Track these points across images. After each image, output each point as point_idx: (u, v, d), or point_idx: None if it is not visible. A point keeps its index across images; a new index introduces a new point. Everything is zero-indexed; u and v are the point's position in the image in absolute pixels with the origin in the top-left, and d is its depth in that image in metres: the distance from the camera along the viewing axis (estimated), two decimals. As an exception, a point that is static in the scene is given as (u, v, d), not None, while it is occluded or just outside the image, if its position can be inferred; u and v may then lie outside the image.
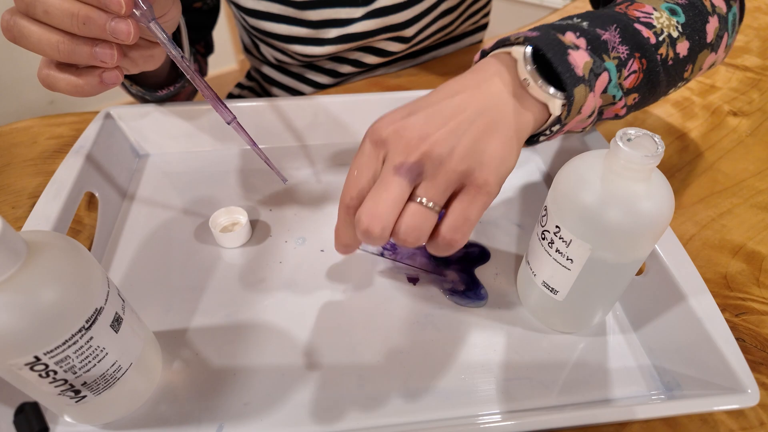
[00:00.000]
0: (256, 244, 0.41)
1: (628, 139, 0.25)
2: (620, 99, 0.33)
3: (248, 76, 0.75)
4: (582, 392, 0.32)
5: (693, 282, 0.32)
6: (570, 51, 0.30)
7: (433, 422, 0.30)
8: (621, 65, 0.32)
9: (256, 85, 0.73)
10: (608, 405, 0.31)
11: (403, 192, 0.27)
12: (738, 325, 0.36)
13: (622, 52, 0.32)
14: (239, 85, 0.75)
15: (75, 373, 0.25)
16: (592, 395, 0.32)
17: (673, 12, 0.35)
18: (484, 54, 0.33)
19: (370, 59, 0.62)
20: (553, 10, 0.79)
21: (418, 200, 0.27)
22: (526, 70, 0.29)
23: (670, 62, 0.34)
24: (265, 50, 0.63)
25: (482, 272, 0.39)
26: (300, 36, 0.57)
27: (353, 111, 0.49)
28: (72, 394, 0.26)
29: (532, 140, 0.33)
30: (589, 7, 0.78)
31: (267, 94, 0.72)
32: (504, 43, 0.31)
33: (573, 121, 0.31)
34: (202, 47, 0.61)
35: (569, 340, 0.34)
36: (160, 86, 0.47)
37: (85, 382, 0.26)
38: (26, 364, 0.24)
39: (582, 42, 0.31)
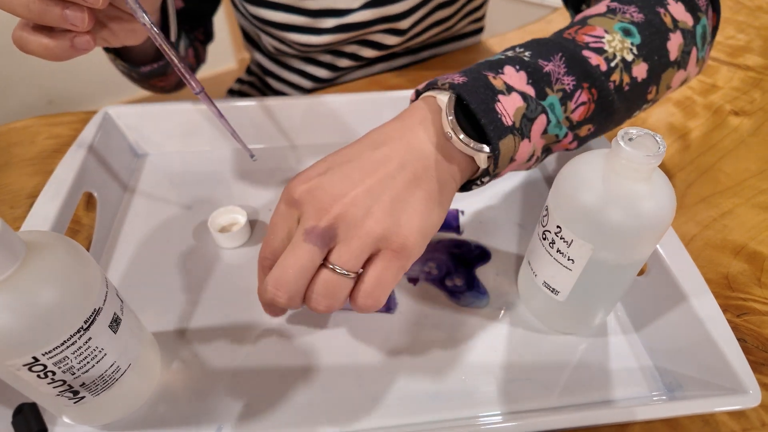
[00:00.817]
0: (256, 244, 0.40)
1: (630, 139, 0.25)
2: (565, 135, 0.31)
3: (248, 71, 0.75)
4: (583, 393, 0.31)
5: (694, 282, 0.32)
6: (500, 97, 0.28)
7: (434, 423, 0.30)
8: (566, 98, 0.30)
9: (256, 80, 0.73)
10: (609, 406, 0.31)
11: (314, 258, 0.26)
12: (739, 325, 0.36)
13: (568, 84, 0.30)
14: (239, 80, 0.75)
15: (73, 373, 0.25)
16: (593, 396, 0.31)
17: (627, 33, 0.32)
18: (418, 94, 0.32)
19: (368, 53, 0.61)
20: (553, 9, 0.78)
21: (330, 267, 0.26)
22: (448, 122, 0.28)
23: (626, 87, 0.32)
24: (265, 40, 0.63)
25: (482, 272, 0.38)
26: (297, 24, 0.56)
27: (354, 110, 0.49)
28: (70, 394, 0.26)
29: (465, 187, 0.31)
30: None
31: (266, 88, 0.71)
32: (433, 85, 0.30)
33: (507, 169, 0.30)
34: (201, 34, 0.61)
35: (570, 341, 0.34)
36: (145, 63, 0.47)
37: (83, 383, 0.26)
38: (24, 365, 0.24)
39: (522, 76, 0.29)
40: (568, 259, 0.28)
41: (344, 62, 0.63)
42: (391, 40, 0.61)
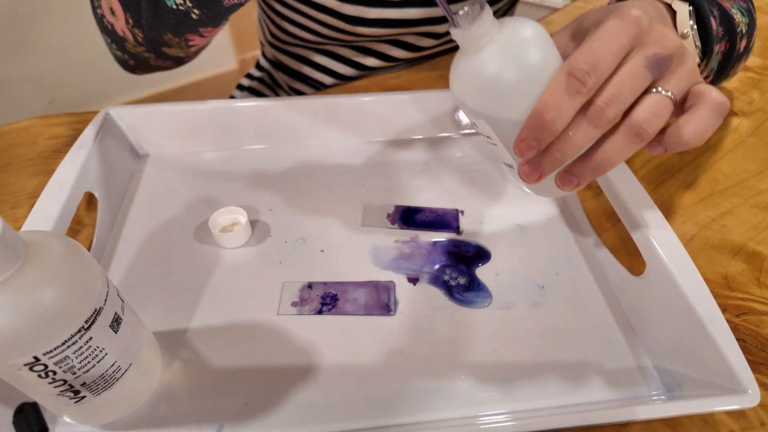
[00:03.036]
0: (256, 244, 0.41)
1: (468, 15, 0.27)
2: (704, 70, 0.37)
3: (258, 66, 0.74)
4: (582, 393, 0.32)
5: (693, 282, 0.32)
6: (712, 11, 0.34)
7: (433, 422, 0.30)
8: (718, 43, 0.36)
9: (266, 76, 0.72)
10: (609, 406, 0.31)
11: (646, 83, 0.27)
12: (738, 325, 0.36)
13: (719, 32, 0.35)
14: (249, 76, 0.74)
15: (74, 373, 0.25)
16: (592, 396, 0.31)
17: (741, 13, 0.38)
18: None
19: (398, 53, 0.61)
20: (553, 10, 0.78)
21: (663, 92, 0.27)
22: (689, 25, 0.33)
23: (735, 55, 0.37)
24: (289, 27, 0.60)
25: (482, 272, 0.38)
26: (336, 10, 0.55)
27: (354, 111, 0.49)
28: (71, 394, 0.26)
29: None
30: (590, 7, 0.78)
31: (277, 85, 0.71)
32: None
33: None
34: None
35: (569, 341, 0.34)
36: None
37: (84, 383, 0.26)
38: (25, 365, 0.24)
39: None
40: (487, 138, 0.31)
41: (371, 61, 0.62)
42: (426, 42, 0.60)
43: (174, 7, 0.40)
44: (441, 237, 0.41)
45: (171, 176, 0.47)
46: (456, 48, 0.30)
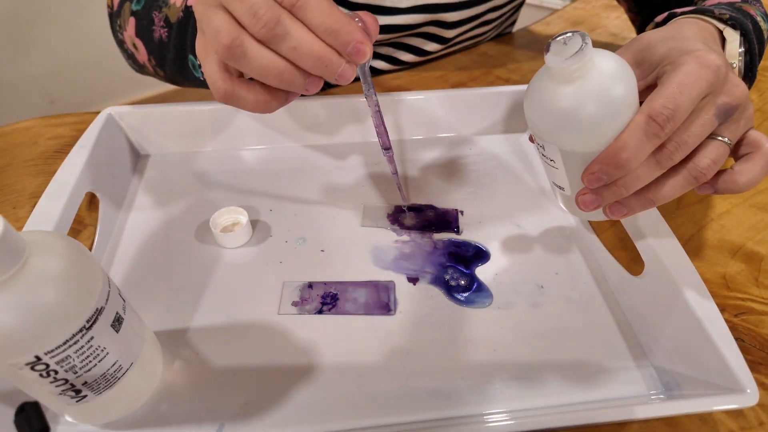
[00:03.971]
0: (257, 244, 0.41)
1: (564, 43, 0.27)
2: None
3: None
4: (581, 392, 0.32)
5: (692, 282, 0.32)
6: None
7: (433, 422, 0.30)
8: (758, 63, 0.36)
9: None
10: (608, 405, 0.31)
11: (711, 130, 0.28)
12: (737, 325, 0.36)
13: (759, 53, 0.36)
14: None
15: (76, 372, 0.25)
16: (591, 395, 0.32)
17: (764, 20, 0.38)
18: (674, 15, 0.37)
19: (404, 56, 0.61)
20: (553, 11, 0.79)
21: (723, 139, 0.29)
22: (737, 53, 0.34)
23: (759, 62, 0.37)
24: None
25: (482, 272, 0.39)
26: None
27: (354, 112, 0.49)
28: (73, 393, 0.26)
29: None
30: (589, 8, 0.78)
31: None
32: (704, 12, 0.35)
33: None
34: None
35: (568, 341, 0.34)
36: None
37: (85, 382, 0.26)
38: (27, 364, 0.24)
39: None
40: (551, 161, 0.31)
41: (379, 64, 0.62)
42: (432, 46, 0.60)
43: (202, 79, 0.42)
44: (441, 237, 0.41)
45: (172, 176, 0.47)
46: (457, 51, 0.30)
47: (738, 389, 0.28)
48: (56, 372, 0.25)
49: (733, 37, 0.35)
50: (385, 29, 0.56)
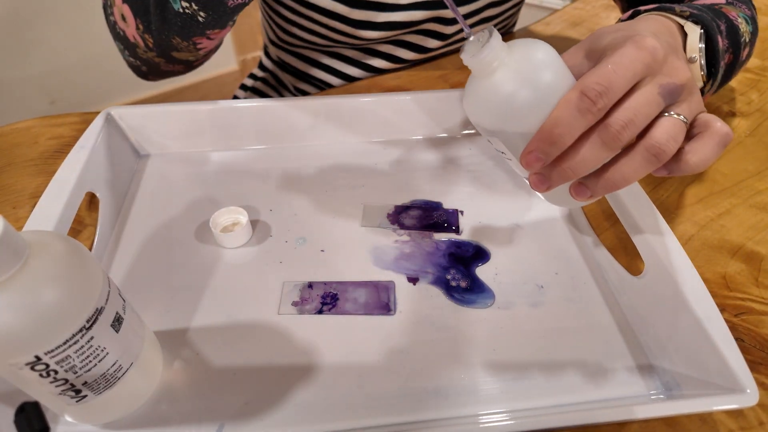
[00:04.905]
0: (257, 244, 0.41)
1: (477, 40, 0.28)
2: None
3: (261, 66, 0.74)
4: (581, 392, 0.32)
5: (692, 282, 0.32)
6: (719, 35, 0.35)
7: (433, 422, 0.30)
8: (722, 59, 0.36)
9: (269, 77, 0.73)
10: (608, 405, 0.31)
11: (658, 110, 0.28)
12: (737, 325, 0.36)
13: (724, 45, 0.36)
14: (252, 76, 0.74)
15: (76, 372, 0.25)
16: (591, 395, 0.32)
17: (746, 22, 0.38)
18: (638, 13, 0.37)
19: (405, 53, 0.61)
20: (553, 11, 0.79)
21: (676, 115, 0.28)
22: (698, 48, 0.34)
23: (738, 65, 0.38)
24: (297, 32, 0.61)
25: (482, 272, 0.39)
26: (346, 16, 0.55)
27: (354, 112, 0.49)
28: (73, 393, 0.26)
29: None
30: (589, 8, 0.78)
31: (281, 86, 0.71)
32: (666, 9, 0.36)
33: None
34: None
35: (568, 341, 0.34)
36: None
37: (85, 382, 0.26)
38: (27, 364, 0.24)
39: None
40: (502, 153, 0.32)
41: (379, 62, 0.62)
42: (432, 43, 0.60)
43: (180, 10, 0.40)
44: (441, 237, 0.41)
45: (172, 176, 0.47)
46: (458, 50, 0.30)
47: (738, 389, 0.28)
48: (56, 372, 0.25)
49: (693, 32, 0.35)
50: (385, 26, 0.56)
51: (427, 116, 0.50)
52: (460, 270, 0.39)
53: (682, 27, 0.35)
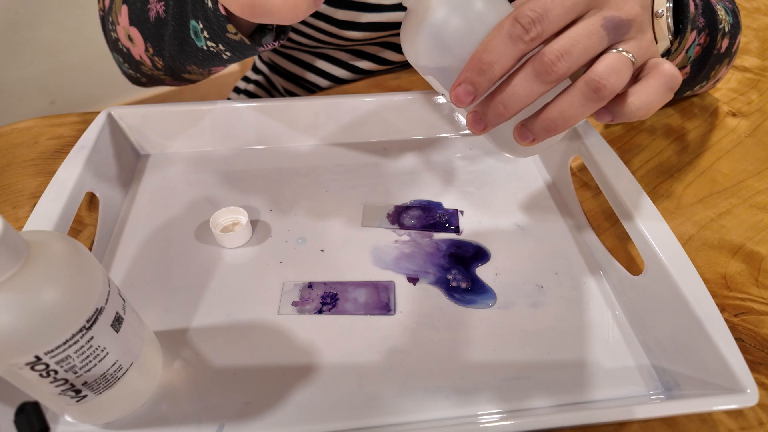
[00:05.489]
0: (257, 244, 0.41)
1: None
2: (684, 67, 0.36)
3: (254, 68, 0.74)
4: (581, 392, 0.32)
5: (692, 282, 0.32)
6: None
7: (433, 422, 0.30)
8: (697, 33, 0.34)
9: (262, 78, 0.73)
10: (607, 405, 0.31)
11: (602, 45, 0.26)
12: (737, 325, 0.36)
13: (700, 22, 0.34)
14: (245, 79, 0.75)
15: (76, 372, 0.25)
16: (590, 395, 0.32)
17: (726, 12, 0.37)
18: None
19: (391, 55, 0.61)
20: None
21: (623, 52, 0.26)
22: (664, 3, 0.31)
23: (715, 52, 0.36)
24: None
25: (482, 272, 0.39)
26: (330, 16, 0.55)
27: (354, 112, 0.49)
28: (73, 393, 0.26)
29: None
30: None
31: (273, 88, 0.71)
32: None
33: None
34: None
35: (568, 341, 0.34)
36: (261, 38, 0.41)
37: (85, 382, 0.26)
38: (27, 364, 0.24)
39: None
40: (442, 94, 0.31)
41: (365, 64, 0.62)
42: None
43: (204, 48, 0.40)
44: (441, 237, 0.41)
45: (172, 176, 0.47)
46: None
47: (738, 389, 0.28)
48: (56, 372, 0.25)
49: None
50: (369, 27, 0.56)
51: (427, 116, 0.50)
52: (461, 270, 0.39)
53: None
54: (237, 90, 0.75)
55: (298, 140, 0.50)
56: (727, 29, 0.38)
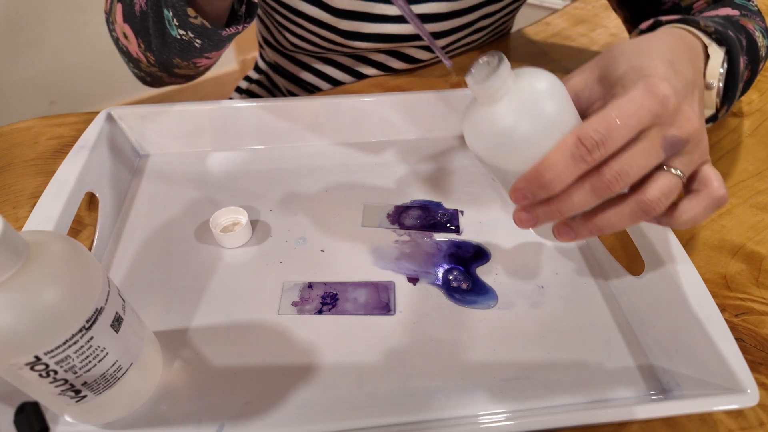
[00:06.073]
0: (257, 244, 0.41)
1: (487, 62, 0.26)
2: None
3: (256, 68, 0.75)
4: (581, 392, 0.32)
5: (692, 282, 0.32)
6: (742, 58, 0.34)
7: (433, 422, 0.30)
8: (740, 81, 0.35)
9: (264, 78, 0.73)
10: (608, 405, 0.31)
11: (658, 162, 0.27)
12: (737, 325, 0.36)
13: (743, 62, 0.35)
14: (247, 78, 0.75)
15: (75, 372, 0.25)
16: (591, 395, 0.32)
17: (763, 35, 0.38)
18: (659, 24, 0.36)
19: (398, 64, 0.61)
20: (553, 11, 0.79)
21: (672, 170, 0.27)
22: (718, 73, 0.33)
23: (753, 78, 0.37)
24: (287, 36, 0.61)
25: (482, 272, 0.39)
26: (325, 21, 0.55)
27: (354, 112, 0.49)
28: (72, 393, 0.26)
29: None
30: (589, 8, 0.78)
31: (275, 87, 0.71)
32: (689, 22, 0.34)
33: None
34: None
35: (568, 341, 0.34)
36: (223, 23, 0.42)
37: (85, 382, 0.26)
38: (27, 364, 0.24)
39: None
40: (493, 179, 0.31)
41: (370, 70, 0.62)
42: (423, 55, 0.60)
43: (178, 37, 0.42)
44: (441, 237, 0.41)
45: (172, 176, 0.47)
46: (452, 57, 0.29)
47: (738, 389, 0.28)
48: (56, 372, 0.25)
49: (716, 55, 0.34)
50: (374, 38, 0.56)
51: (427, 116, 0.50)
52: (461, 270, 0.39)
53: (705, 47, 0.34)
54: (239, 90, 0.75)
55: (298, 140, 0.50)
56: (764, 54, 0.38)
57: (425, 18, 0.55)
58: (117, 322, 0.27)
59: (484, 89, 0.26)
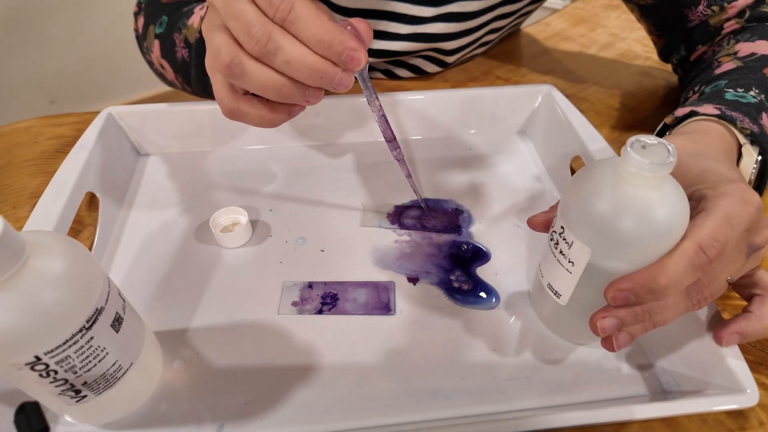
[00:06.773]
0: (257, 244, 0.41)
1: (642, 147, 0.25)
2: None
3: None
4: (581, 392, 0.32)
5: (692, 282, 0.32)
6: None
7: (433, 422, 0.30)
8: None
9: None
10: (608, 405, 0.31)
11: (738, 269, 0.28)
12: (737, 325, 0.36)
13: None
14: None
15: (75, 372, 0.25)
16: (591, 395, 0.32)
17: None
18: (695, 113, 0.36)
19: (404, 73, 0.62)
20: (553, 10, 0.79)
21: (729, 277, 0.27)
22: (751, 170, 0.34)
23: None
24: None
25: (482, 272, 0.39)
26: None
27: (354, 112, 0.49)
28: (72, 393, 0.26)
29: None
30: (589, 8, 0.78)
31: None
32: (728, 119, 0.34)
33: None
34: None
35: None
36: None
37: (85, 382, 0.26)
38: (27, 364, 0.24)
39: None
40: (569, 261, 0.28)
41: (375, 74, 0.62)
42: (431, 68, 0.61)
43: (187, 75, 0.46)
44: (441, 237, 0.41)
45: (172, 176, 0.47)
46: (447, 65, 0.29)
47: (738, 389, 0.28)
48: (56, 372, 0.25)
49: (750, 155, 0.34)
50: (384, 54, 0.56)
51: (427, 116, 0.50)
52: (461, 270, 0.39)
53: (740, 145, 0.34)
54: None
55: (298, 140, 0.50)
56: None
57: (434, 37, 0.54)
58: (117, 322, 0.27)
59: (644, 172, 0.24)
